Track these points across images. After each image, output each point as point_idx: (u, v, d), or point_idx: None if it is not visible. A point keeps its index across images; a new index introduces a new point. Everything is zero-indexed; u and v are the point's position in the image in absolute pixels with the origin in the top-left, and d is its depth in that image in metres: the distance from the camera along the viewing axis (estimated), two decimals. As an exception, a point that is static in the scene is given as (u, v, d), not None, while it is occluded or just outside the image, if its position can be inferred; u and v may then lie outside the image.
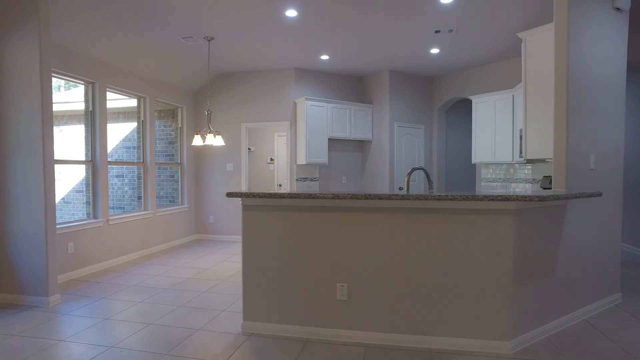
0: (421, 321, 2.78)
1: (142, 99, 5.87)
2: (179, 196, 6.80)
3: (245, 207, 3.01)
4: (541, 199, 2.47)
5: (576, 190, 3.17)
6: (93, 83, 4.90)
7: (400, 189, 7.10)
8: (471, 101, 7.95)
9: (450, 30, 4.91)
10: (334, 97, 7.09)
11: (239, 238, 6.91)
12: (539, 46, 3.47)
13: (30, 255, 3.62)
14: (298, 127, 6.66)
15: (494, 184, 6.42)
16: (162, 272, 4.76)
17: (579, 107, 3.17)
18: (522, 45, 3.62)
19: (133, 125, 6.94)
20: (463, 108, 8.02)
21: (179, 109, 6.79)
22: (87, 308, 3.55)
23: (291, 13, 4.34)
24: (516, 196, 2.49)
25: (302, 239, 2.93)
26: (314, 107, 6.54)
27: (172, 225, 6.45)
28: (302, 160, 6.55)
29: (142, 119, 5.88)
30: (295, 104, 6.73)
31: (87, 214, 4.98)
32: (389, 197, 2.61)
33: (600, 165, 3.39)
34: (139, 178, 5.93)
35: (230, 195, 2.89)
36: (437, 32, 4.97)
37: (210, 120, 5.29)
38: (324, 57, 6.04)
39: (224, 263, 5.22)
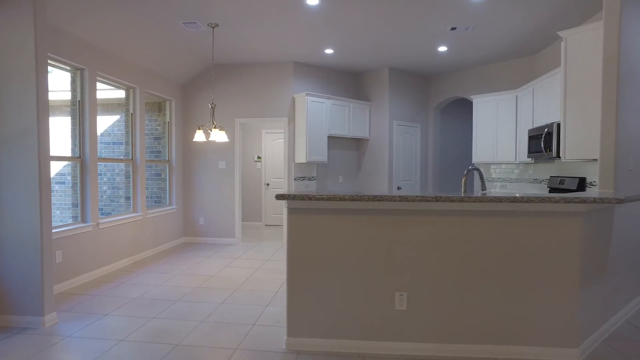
0: (485, 330, 2.61)
1: (131, 90, 5.32)
2: (167, 196, 6.29)
3: (291, 211, 2.70)
4: (619, 200, 2.38)
5: (620, 191, 3.14)
6: (82, 69, 4.34)
7: (399, 188, 6.99)
8: (466, 100, 8.00)
9: (467, 28, 4.82)
10: (332, 93, 6.84)
11: (232, 241, 6.51)
12: (581, 45, 3.42)
13: (22, 268, 3.09)
14: (297, 123, 6.36)
15: (495, 183, 6.45)
16: (164, 282, 4.31)
17: (626, 105, 3.14)
18: (563, 43, 3.57)
19: (113, 118, 6.35)
20: (457, 108, 8.05)
21: (167, 102, 6.27)
22: (91, 328, 3.09)
23: (312, 1, 4.05)
24: (593, 198, 2.37)
25: (357, 244, 2.67)
26: (314, 103, 6.26)
27: (162, 228, 5.94)
28: (301, 158, 6.25)
29: (132, 111, 5.34)
30: (294, 99, 6.41)
31: (73, 217, 4.42)
32: (462, 200, 2.42)
33: (638, 166, 3.39)
34: (127, 177, 5.38)
35: (280, 197, 2.58)
36: (453, 29, 4.86)
37: (214, 114, 4.87)
38: (329, 50, 5.78)
39: (228, 269, 4.83)
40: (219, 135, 4.61)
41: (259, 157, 8.59)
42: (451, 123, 7.89)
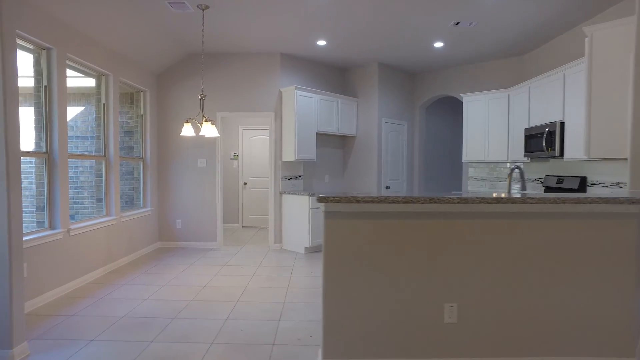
0: (539, 341, 2.42)
1: (103, 78, 4.69)
2: (141, 197, 5.66)
3: (329, 215, 2.36)
4: (681, 201, 2.26)
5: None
6: (49, 49, 3.70)
7: (387, 187, 6.80)
8: (451, 99, 7.97)
9: (471, 24, 4.68)
10: (318, 88, 6.51)
11: (214, 245, 6.00)
12: (608, 41, 3.35)
13: (-14, 288, 2.50)
14: (285, 119, 5.97)
15: (483, 182, 6.43)
16: (150, 295, 3.78)
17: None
18: (587, 40, 3.48)
19: (76, 110, 5.63)
20: (442, 106, 8.00)
21: (141, 94, 5.64)
22: None
23: (322, -17, 3.71)
24: (656, 198, 2.24)
25: (401, 251, 2.38)
26: (303, 97, 5.90)
27: (136, 232, 5.32)
28: (290, 156, 5.88)
29: (104, 102, 4.71)
30: (281, 93, 6.01)
31: (38, 222, 3.77)
32: (524, 201, 2.20)
33: (657, 165, 3.37)
34: (98, 175, 4.74)
35: (322, 200, 2.23)
36: (456, 23, 4.71)
37: (204, 108, 4.37)
38: (321, 42, 5.45)
39: (219, 278, 4.37)
40: (209, 130, 4.14)
41: (235, 155, 8.07)
42: (436, 121, 7.83)
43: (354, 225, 2.36)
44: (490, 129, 5.98)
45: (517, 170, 5.99)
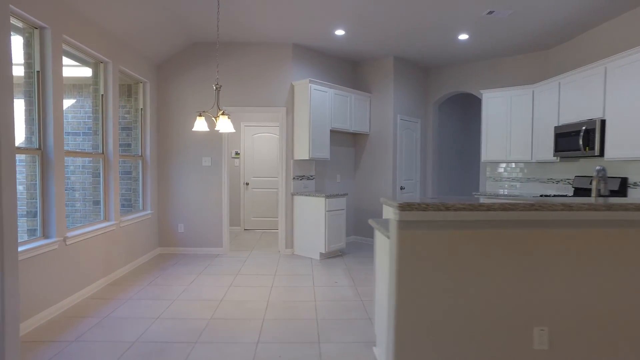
0: (641, 372, 2.07)
1: (102, 66, 4.17)
2: (140, 199, 5.15)
3: (404, 225, 1.96)
4: None
5: None
6: (43, 29, 3.19)
7: (402, 188, 6.45)
8: (463, 96, 7.68)
9: (505, 13, 4.35)
10: (331, 82, 6.11)
11: (219, 251, 5.53)
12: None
13: (-26, 317, 2.01)
14: (297, 114, 5.54)
15: (502, 183, 6.14)
16: (162, 312, 3.31)
17: None
18: None
19: (69, 102, 5.10)
20: (454, 103, 7.70)
21: (140, 85, 5.13)
22: (87, 396, 2.10)
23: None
24: None
25: (486, 266, 2.00)
26: (318, 92, 5.48)
27: (136, 238, 4.82)
28: (303, 154, 5.45)
29: (102, 93, 4.19)
30: (292, 86, 5.58)
31: (29, 231, 3.25)
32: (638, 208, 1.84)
33: None
34: (94, 175, 4.23)
35: (407, 207, 1.83)
36: (489, 12, 4.37)
37: (219, 99, 3.91)
38: (339, 31, 5.04)
39: (235, 290, 3.92)
40: (225, 125, 3.68)
41: (237, 154, 7.60)
42: (446, 119, 7.51)
43: (436, 236, 1.97)
44: (513, 127, 5.67)
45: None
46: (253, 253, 5.64)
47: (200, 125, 3.74)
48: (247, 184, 7.61)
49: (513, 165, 6.05)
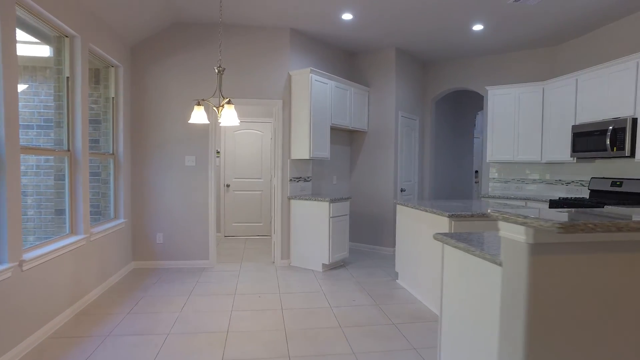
0: None
1: (67, 41, 3.35)
2: (111, 206, 4.33)
3: (540, 249, 1.43)
4: None
5: None
6: (-7, -15, 2.38)
7: (403, 190, 6.00)
8: (461, 92, 7.36)
9: (534, 1, 3.98)
10: (330, 73, 5.54)
11: (206, 264, 4.80)
12: None
13: None
14: (296, 108, 4.92)
15: (509, 184, 5.84)
16: (155, 354, 2.60)
17: None
18: None
19: (20, 88, 4.22)
20: (450, 100, 7.37)
21: (112, 70, 4.30)
22: None
23: None
24: None
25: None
26: (318, 83, 4.90)
27: (108, 253, 4.01)
28: (302, 153, 4.85)
29: (68, 75, 3.37)
30: (290, 77, 4.96)
31: (-27, 252, 2.43)
32: None
33: None
34: (58, 178, 3.40)
35: (567, 228, 1.29)
36: (516, 0, 3.99)
37: (222, 85, 3.21)
38: (347, 15, 4.48)
39: (239, 316, 3.26)
40: (229, 117, 3.01)
41: (217, 152, 6.84)
42: (442, 117, 7.17)
43: (584, 262, 1.46)
44: (521, 125, 5.38)
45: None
46: (244, 265, 4.96)
47: (198, 116, 3.05)
48: (228, 185, 6.87)
49: (518, 166, 5.77)
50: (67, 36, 3.32)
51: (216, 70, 3.02)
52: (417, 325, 3.10)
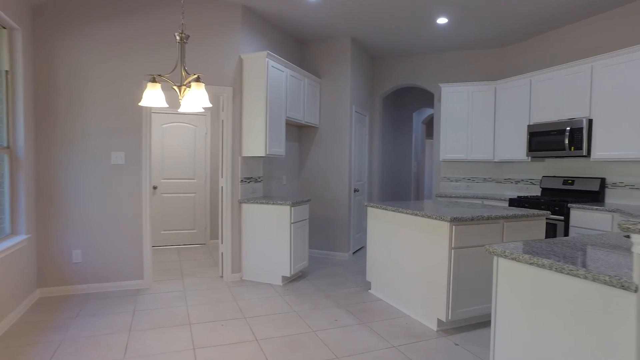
0: None
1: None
2: (6, 218, 3.22)
3: None
4: None
5: None
6: None
7: (356, 190, 5.65)
8: (405, 90, 7.25)
9: (507, -7, 3.89)
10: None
11: (140, 284, 3.90)
12: None
13: None
14: (248, 98, 4.25)
15: (458, 183, 5.85)
16: None
17: None
18: None
19: None
20: (395, 97, 7.24)
21: (4, 33, 3.20)
22: None
23: None
24: None
25: None
26: (275, 70, 4.30)
27: (4, 282, 2.94)
28: (257, 150, 4.20)
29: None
30: (241, 60, 4.27)
31: None
32: None
33: None
34: None
35: None
36: (490, -9, 3.86)
37: (185, 57, 2.44)
38: (311, -6, 3.96)
39: (206, 356, 2.55)
40: (197, 99, 2.29)
41: (140, 148, 5.76)
42: (386, 115, 7.00)
43: None
44: (474, 124, 5.40)
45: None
46: (187, 283, 4.14)
47: (153, 98, 2.27)
48: (155, 187, 5.85)
49: (469, 165, 5.81)
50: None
51: (177, 38, 2.28)
52: (420, 346, 2.72)
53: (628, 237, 2.02)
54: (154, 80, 2.25)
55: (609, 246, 1.77)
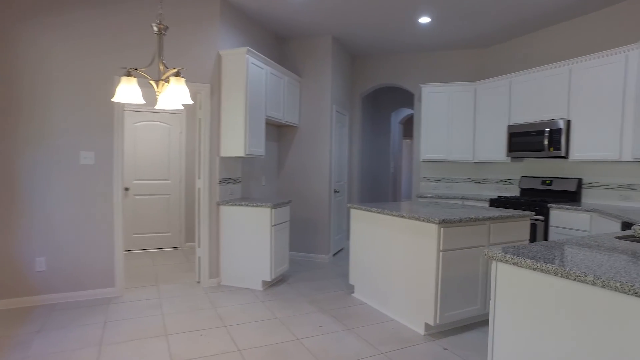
0: None
1: None
2: (-40, 223, 2.94)
3: None
4: None
5: None
6: None
7: (337, 191, 5.56)
8: (380, 91, 7.22)
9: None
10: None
11: (110, 292, 3.67)
12: None
13: None
14: (227, 96, 4.08)
15: (438, 184, 5.85)
16: None
17: None
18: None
19: None
20: (370, 98, 7.19)
21: (-41, 21, 2.91)
22: None
23: None
24: None
25: None
26: (255, 67, 4.15)
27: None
28: (237, 150, 4.05)
29: None
30: (220, 57, 4.09)
31: None
32: None
33: None
34: None
35: None
36: (473, -9, 3.85)
37: (163, 49, 2.25)
38: (293, -11, 3.84)
39: (185, 368, 2.39)
40: (177, 96, 2.13)
41: (111, 147, 5.46)
42: (365, 115, 6.95)
43: None
44: (454, 124, 5.41)
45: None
46: (163, 289, 3.93)
47: (128, 93, 2.09)
48: (127, 189, 5.57)
49: (449, 165, 5.82)
50: None
51: (155, 29, 2.11)
52: (409, 352, 2.65)
53: (620, 238, 2.01)
54: (129, 74, 2.08)
55: (606, 249, 1.74)
